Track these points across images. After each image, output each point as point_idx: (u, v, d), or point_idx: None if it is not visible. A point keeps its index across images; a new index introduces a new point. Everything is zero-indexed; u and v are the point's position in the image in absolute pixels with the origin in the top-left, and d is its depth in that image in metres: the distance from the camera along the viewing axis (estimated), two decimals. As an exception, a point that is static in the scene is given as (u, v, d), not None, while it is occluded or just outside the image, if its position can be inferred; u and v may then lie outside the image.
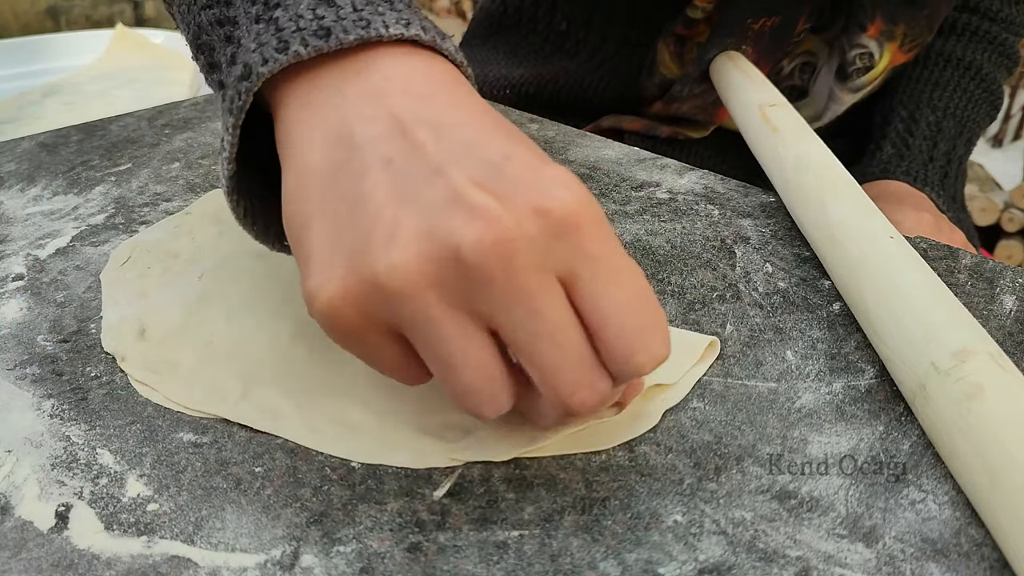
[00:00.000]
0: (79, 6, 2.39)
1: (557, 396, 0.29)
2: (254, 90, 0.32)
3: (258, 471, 0.34)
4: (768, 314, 0.43)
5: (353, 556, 0.30)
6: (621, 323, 0.28)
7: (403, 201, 0.29)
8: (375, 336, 0.30)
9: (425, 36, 0.33)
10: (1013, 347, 0.40)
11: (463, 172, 0.28)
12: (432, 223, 0.28)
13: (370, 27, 0.32)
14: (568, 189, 0.28)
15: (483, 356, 0.29)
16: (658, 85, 0.74)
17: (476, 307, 0.28)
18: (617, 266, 0.29)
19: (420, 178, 0.29)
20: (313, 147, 0.31)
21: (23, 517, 0.32)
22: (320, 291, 0.29)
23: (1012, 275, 0.45)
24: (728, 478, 0.33)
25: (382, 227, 0.28)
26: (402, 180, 0.29)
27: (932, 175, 0.70)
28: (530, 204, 0.28)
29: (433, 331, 0.29)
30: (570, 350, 0.29)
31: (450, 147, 0.29)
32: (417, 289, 0.28)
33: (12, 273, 0.46)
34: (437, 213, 0.28)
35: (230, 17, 0.35)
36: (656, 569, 0.30)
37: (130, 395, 0.38)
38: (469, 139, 0.30)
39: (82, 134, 0.63)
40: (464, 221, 0.27)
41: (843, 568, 0.30)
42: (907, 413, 0.36)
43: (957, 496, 0.33)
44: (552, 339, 0.28)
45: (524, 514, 0.32)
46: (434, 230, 0.28)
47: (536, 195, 0.28)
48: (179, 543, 0.31)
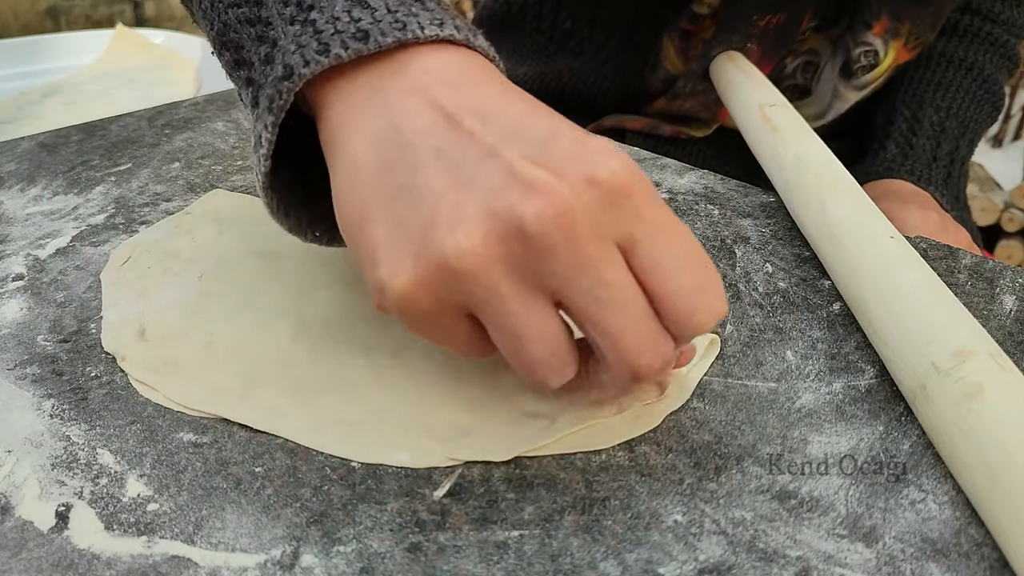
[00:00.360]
0: (79, 6, 2.39)
1: (624, 360, 0.30)
2: (296, 90, 0.33)
3: (258, 471, 0.34)
4: (768, 314, 0.43)
5: (353, 556, 0.30)
6: (680, 283, 0.30)
7: (461, 186, 0.29)
8: (447, 318, 0.31)
9: (459, 35, 0.34)
10: (1013, 347, 0.40)
11: (514, 151, 0.29)
12: (493, 202, 0.29)
13: (406, 29, 0.33)
14: (616, 159, 0.29)
15: (549, 329, 0.30)
16: (662, 80, 0.74)
17: (541, 280, 0.29)
18: (671, 228, 0.30)
19: (473, 162, 0.30)
20: (362, 145, 0.32)
21: (23, 517, 0.32)
22: (394, 280, 0.30)
23: (1012, 275, 0.45)
24: (728, 478, 0.33)
25: (445, 213, 0.29)
26: (456, 167, 0.30)
27: (936, 175, 0.71)
28: (583, 175, 0.29)
29: (502, 307, 0.30)
30: (635, 314, 0.30)
31: (497, 131, 0.30)
32: (485, 268, 0.29)
33: (12, 273, 0.46)
34: (496, 193, 0.29)
35: (262, 17, 0.35)
36: (656, 569, 0.30)
37: (130, 395, 0.38)
38: (514, 122, 0.31)
39: (82, 134, 0.63)
40: (523, 196, 0.28)
41: (843, 568, 0.30)
42: (907, 413, 0.36)
43: (957, 496, 0.33)
44: (618, 305, 0.29)
45: (524, 514, 0.32)
46: (496, 209, 0.29)
47: (587, 166, 0.29)
48: (179, 543, 0.31)
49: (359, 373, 0.38)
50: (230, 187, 0.55)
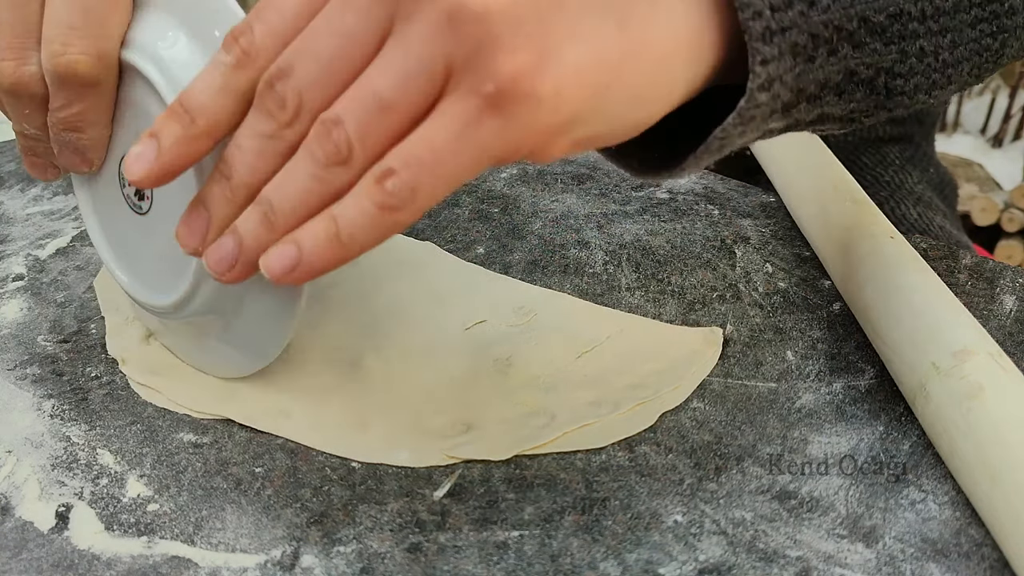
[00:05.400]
0: (79, 6, 2.39)
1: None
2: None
3: (258, 471, 0.34)
4: (768, 314, 0.43)
5: (353, 556, 0.30)
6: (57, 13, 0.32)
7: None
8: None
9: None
10: (1013, 347, 0.40)
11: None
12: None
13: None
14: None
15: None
16: None
17: None
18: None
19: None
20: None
21: (23, 517, 0.32)
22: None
23: (1012, 275, 0.45)
24: (728, 478, 0.33)
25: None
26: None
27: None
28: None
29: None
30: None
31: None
32: None
33: (12, 273, 0.46)
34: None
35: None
36: (656, 569, 0.30)
37: (130, 395, 0.38)
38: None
39: (82, 134, 0.63)
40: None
41: (843, 568, 0.30)
42: (907, 413, 0.36)
43: (957, 496, 0.33)
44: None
45: (524, 514, 0.32)
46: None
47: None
48: (179, 543, 0.31)
49: (359, 373, 0.38)
50: (230, 187, 0.55)
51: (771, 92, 0.29)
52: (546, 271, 0.45)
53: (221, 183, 0.29)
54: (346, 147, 0.27)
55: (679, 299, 0.43)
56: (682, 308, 0.43)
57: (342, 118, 0.27)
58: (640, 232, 0.49)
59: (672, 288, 0.44)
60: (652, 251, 0.47)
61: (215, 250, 0.30)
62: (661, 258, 0.47)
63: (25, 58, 0.33)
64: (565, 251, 0.46)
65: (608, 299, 0.43)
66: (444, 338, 0.40)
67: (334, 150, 0.27)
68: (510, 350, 0.40)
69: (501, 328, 0.41)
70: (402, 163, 0.26)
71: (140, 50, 0.32)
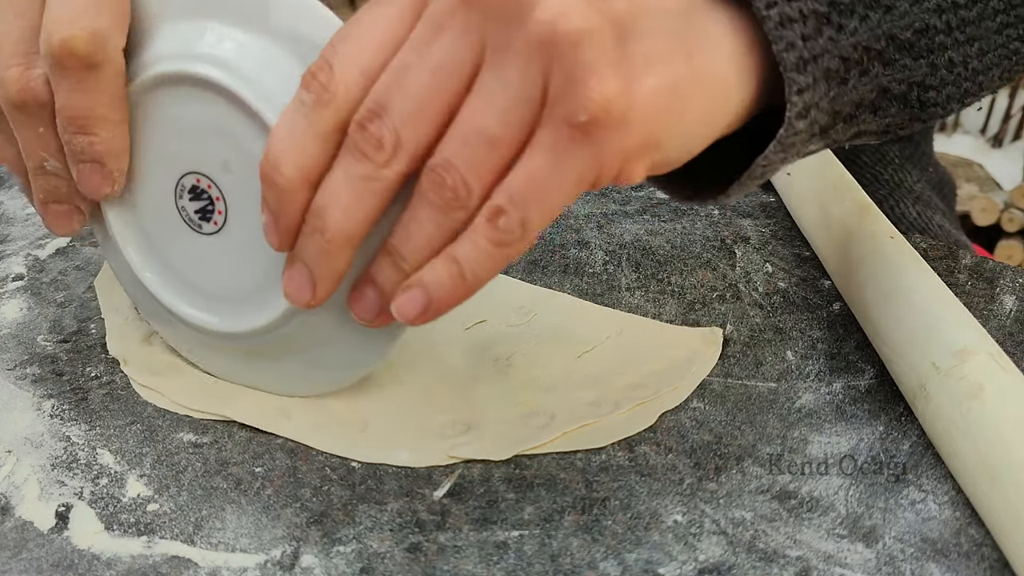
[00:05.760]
0: (79, 6, 2.39)
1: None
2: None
3: (258, 471, 0.34)
4: (768, 314, 0.43)
5: (353, 556, 0.30)
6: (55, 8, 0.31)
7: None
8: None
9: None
10: (1013, 347, 0.40)
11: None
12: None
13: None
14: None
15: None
16: None
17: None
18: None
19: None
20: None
21: (23, 517, 0.32)
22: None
23: (1012, 275, 0.45)
24: (728, 478, 0.33)
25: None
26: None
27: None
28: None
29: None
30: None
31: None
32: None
33: (12, 273, 0.46)
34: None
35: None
36: (656, 569, 0.30)
37: (130, 395, 0.38)
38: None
39: (82, 134, 0.63)
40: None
41: (843, 568, 0.30)
42: (907, 413, 0.36)
43: (957, 496, 0.33)
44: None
45: (524, 514, 0.32)
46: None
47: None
48: (179, 543, 0.31)
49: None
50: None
51: (808, 119, 0.30)
52: (546, 271, 0.45)
53: (316, 237, 0.29)
54: (464, 190, 0.27)
55: (679, 299, 0.43)
56: (682, 308, 0.43)
57: (453, 162, 0.27)
58: (640, 232, 0.49)
59: (672, 288, 0.44)
60: (652, 251, 0.47)
61: (359, 301, 0.31)
62: (661, 258, 0.47)
63: (30, 63, 0.32)
64: (565, 251, 0.46)
65: (608, 299, 0.43)
66: (444, 338, 0.40)
67: (452, 196, 0.27)
68: (510, 350, 0.40)
69: (501, 328, 0.41)
70: (510, 201, 0.27)
71: (191, 59, 0.31)
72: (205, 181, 0.33)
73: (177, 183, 0.34)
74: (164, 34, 0.32)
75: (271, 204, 0.29)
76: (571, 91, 0.25)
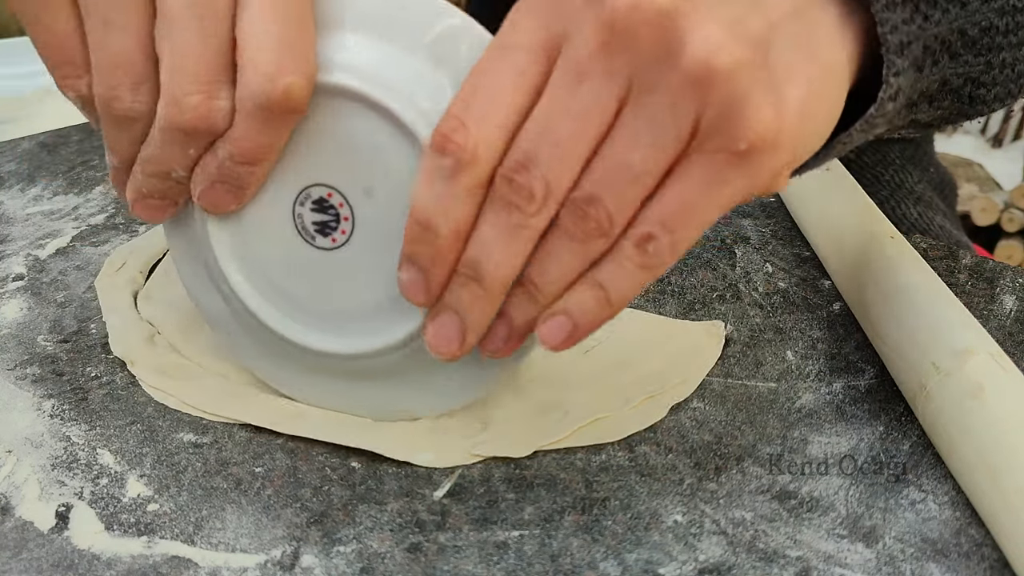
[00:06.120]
0: (79, 6, 2.39)
1: (170, 89, 0.29)
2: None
3: (258, 471, 0.34)
4: (768, 314, 0.43)
5: (353, 556, 0.30)
6: (264, 36, 0.29)
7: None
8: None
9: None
10: (1013, 347, 0.40)
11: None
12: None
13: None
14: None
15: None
16: None
17: None
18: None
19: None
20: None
21: (23, 517, 0.32)
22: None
23: (1012, 275, 0.45)
24: (728, 478, 0.33)
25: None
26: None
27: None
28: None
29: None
30: (201, 41, 0.29)
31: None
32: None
33: (12, 273, 0.46)
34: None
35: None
36: (656, 569, 0.30)
37: (130, 395, 0.38)
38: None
39: (82, 134, 0.63)
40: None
41: (843, 568, 0.30)
42: (907, 413, 0.36)
43: (957, 496, 0.33)
44: (188, 23, 0.29)
45: (524, 514, 0.32)
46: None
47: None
48: (179, 543, 0.31)
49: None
50: (230, 187, 0.55)
51: (897, 102, 0.31)
52: (546, 271, 0.45)
53: (471, 287, 0.29)
54: (607, 222, 0.27)
55: (679, 299, 0.43)
56: (682, 308, 0.43)
57: (598, 196, 0.27)
58: (640, 232, 0.49)
59: (672, 288, 0.44)
60: (652, 251, 0.47)
61: (486, 337, 0.31)
62: (661, 258, 0.47)
63: (214, 92, 0.29)
64: (565, 251, 0.46)
65: (608, 299, 0.43)
66: None
67: (595, 227, 0.27)
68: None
69: None
70: (659, 226, 0.27)
71: (344, 70, 0.30)
72: (338, 198, 0.32)
73: (303, 190, 0.32)
74: (323, 45, 0.31)
75: (424, 262, 0.29)
76: (727, 123, 0.26)
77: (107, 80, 0.30)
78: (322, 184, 0.32)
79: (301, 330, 0.34)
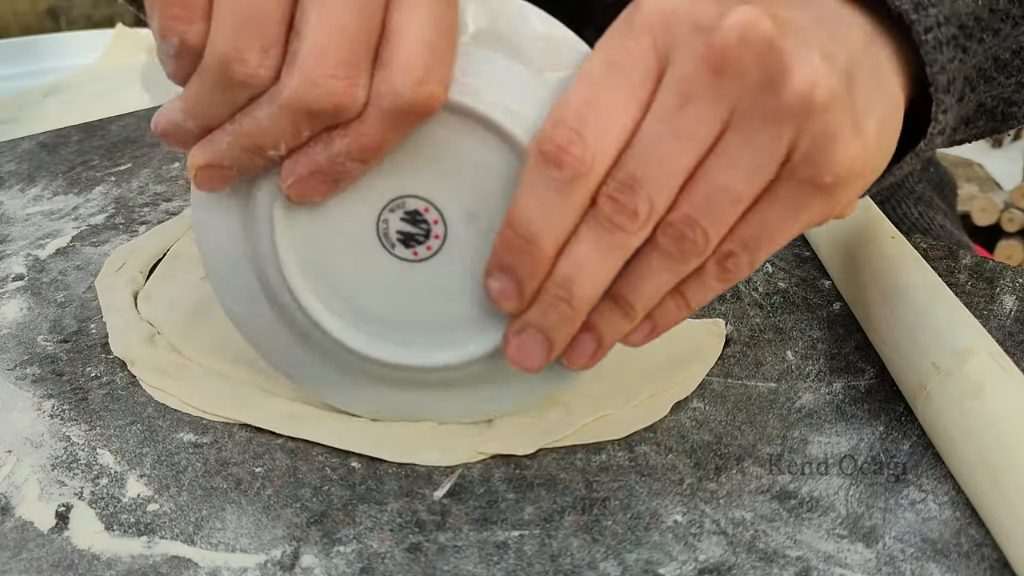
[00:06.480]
0: (79, 6, 2.39)
1: (307, 63, 0.27)
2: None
3: (258, 471, 0.34)
4: (768, 314, 0.43)
5: (353, 556, 0.30)
6: (414, 38, 0.27)
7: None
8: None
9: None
10: (1013, 347, 0.40)
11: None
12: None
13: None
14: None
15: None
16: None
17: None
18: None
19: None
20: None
21: (23, 517, 0.32)
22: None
23: (1012, 275, 0.45)
24: (728, 478, 0.33)
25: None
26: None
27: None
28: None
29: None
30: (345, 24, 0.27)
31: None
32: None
33: (12, 273, 0.46)
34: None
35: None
36: (656, 569, 0.30)
37: (130, 395, 0.38)
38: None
39: (82, 134, 0.63)
40: None
41: (843, 568, 0.30)
42: (907, 413, 0.36)
43: (957, 496, 0.33)
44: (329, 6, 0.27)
45: (524, 514, 0.32)
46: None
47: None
48: (179, 543, 0.31)
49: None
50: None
51: (944, 136, 0.33)
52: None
53: (560, 307, 0.29)
54: (703, 242, 0.28)
55: (679, 299, 0.43)
56: (682, 308, 0.43)
57: (696, 218, 0.28)
58: (640, 232, 0.49)
59: (672, 288, 0.44)
60: (652, 251, 0.47)
61: (575, 348, 0.31)
62: (661, 258, 0.47)
63: (357, 78, 0.27)
64: (565, 251, 0.46)
65: (608, 299, 0.43)
66: None
67: (692, 248, 0.28)
68: None
69: None
70: (742, 246, 0.29)
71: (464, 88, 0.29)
72: (434, 214, 0.31)
73: (398, 198, 0.31)
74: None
75: (521, 273, 0.29)
76: (818, 155, 0.27)
77: (234, 37, 0.27)
78: (421, 197, 0.31)
79: (364, 340, 0.33)
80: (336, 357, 0.34)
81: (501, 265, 0.29)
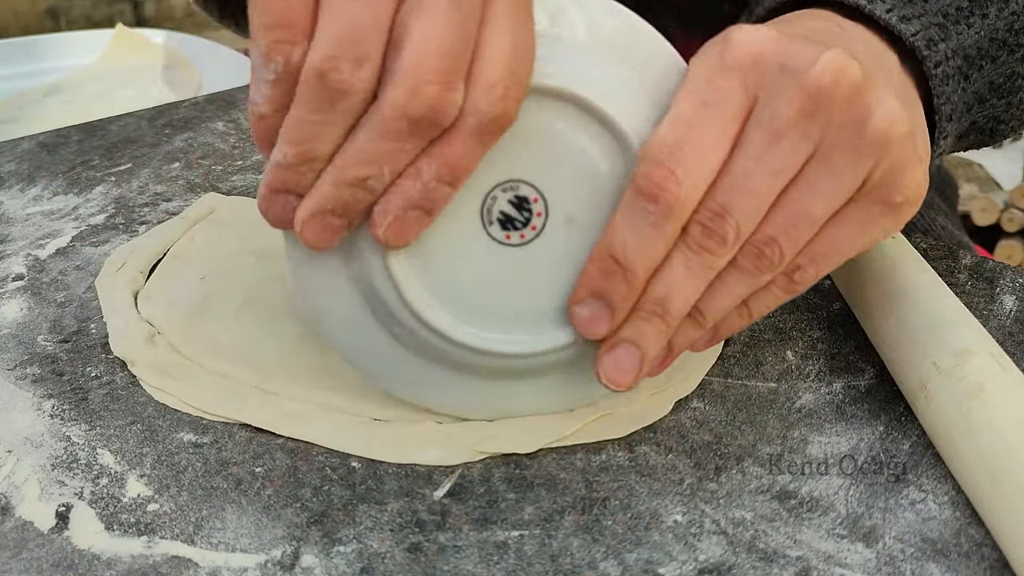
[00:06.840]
0: (79, 6, 2.39)
1: (410, 72, 0.27)
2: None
3: (258, 471, 0.34)
4: (768, 314, 0.43)
5: (353, 556, 0.30)
6: (504, 46, 0.28)
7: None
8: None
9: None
10: (1013, 347, 0.40)
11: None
12: None
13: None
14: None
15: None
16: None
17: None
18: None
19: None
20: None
21: (23, 517, 0.32)
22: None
23: (1012, 275, 0.45)
24: (728, 478, 0.33)
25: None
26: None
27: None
28: None
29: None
30: (449, 30, 0.27)
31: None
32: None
33: (12, 273, 0.46)
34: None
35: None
36: (656, 569, 0.30)
37: (130, 395, 0.38)
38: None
39: (82, 134, 0.63)
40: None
41: (843, 568, 0.30)
42: (907, 413, 0.36)
43: (957, 496, 0.33)
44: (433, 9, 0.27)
45: (524, 514, 0.32)
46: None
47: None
48: (179, 543, 0.31)
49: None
50: (230, 187, 0.55)
51: (943, 158, 0.37)
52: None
53: (655, 322, 0.31)
54: (779, 259, 0.30)
55: (679, 299, 0.43)
56: (682, 308, 0.43)
57: (777, 239, 0.30)
58: (640, 232, 0.49)
59: (672, 288, 0.44)
60: (652, 251, 0.47)
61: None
62: (661, 258, 0.47)
63: (451, 85, 0.27)
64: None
65: (608, 299, 0.43)
66: None
67: (768, 264, 0.31)
68: None
69: None
70: (810, 260, 0.31)
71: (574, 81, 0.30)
72: (540, 207, 0.32)
73: (510, 181, 0.31)
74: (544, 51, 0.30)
75: (615, 300, 0.31)
76: (892, 180, 0.30)
77: (331, 49, 0.27)
78: (535, 187, 0.31)
79: (454, 325, 0.33)
80: (445, 357, 0.34)
81: (594, 291, 0.31)
